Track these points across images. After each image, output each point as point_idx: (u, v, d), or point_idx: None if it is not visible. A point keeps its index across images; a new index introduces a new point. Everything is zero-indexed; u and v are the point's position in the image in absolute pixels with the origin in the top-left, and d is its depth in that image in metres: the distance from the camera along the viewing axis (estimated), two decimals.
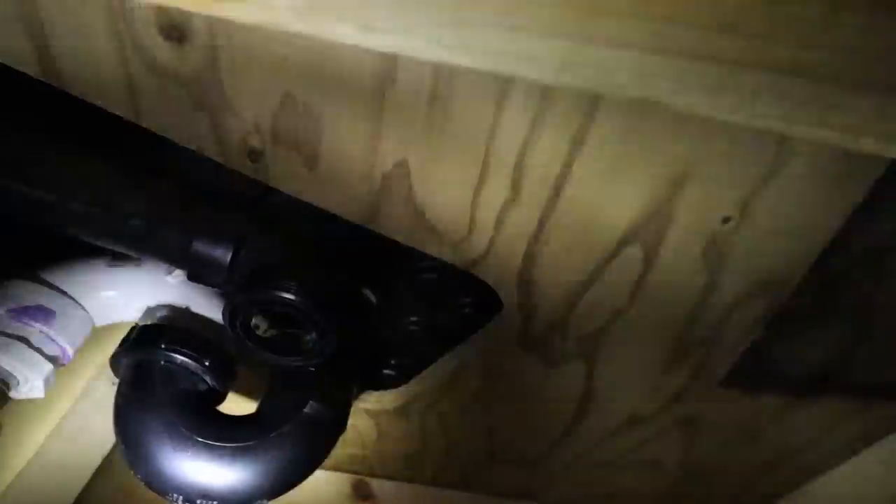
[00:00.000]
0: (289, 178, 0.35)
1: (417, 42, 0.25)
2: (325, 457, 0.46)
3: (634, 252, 0.36)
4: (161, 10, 0.27)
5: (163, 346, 0.42)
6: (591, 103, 0.27)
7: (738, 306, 0.39)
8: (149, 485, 0.41)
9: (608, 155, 0.30)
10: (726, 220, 0.33)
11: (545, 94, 0.27)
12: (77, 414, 0.49)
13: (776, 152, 0.29)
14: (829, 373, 0.46)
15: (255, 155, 0.33)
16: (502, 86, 0.27)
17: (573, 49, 0.24)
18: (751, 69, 0.24)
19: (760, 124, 0.26)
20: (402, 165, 0.32)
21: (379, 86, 0.28)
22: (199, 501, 0.41)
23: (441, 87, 0.28)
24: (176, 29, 0.28)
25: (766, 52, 0.24)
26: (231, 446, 0.41)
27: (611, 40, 0.24)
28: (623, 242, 0.35)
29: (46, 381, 0.42)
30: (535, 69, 0.25)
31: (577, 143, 0.30)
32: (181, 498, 0.41)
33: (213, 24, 0.27)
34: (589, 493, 0.66)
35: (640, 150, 0.30)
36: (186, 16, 0.27)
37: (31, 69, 0.31)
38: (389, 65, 0.27)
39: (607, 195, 0.32)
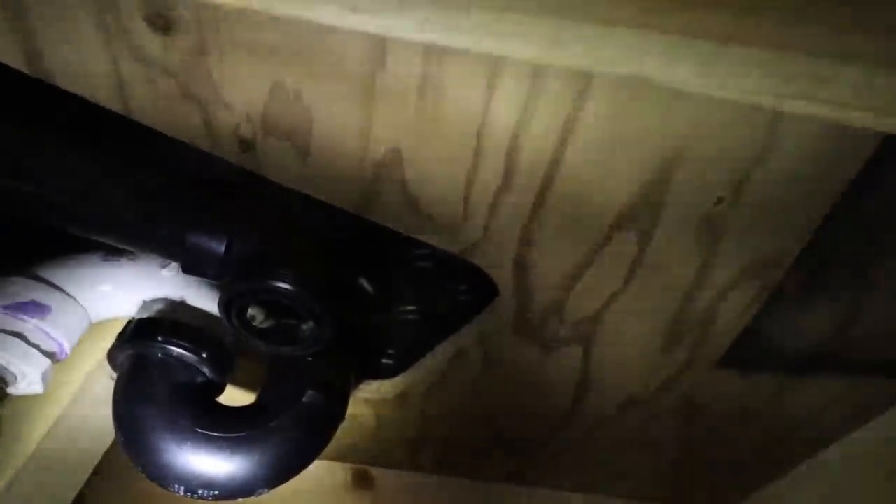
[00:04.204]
0: (281, 167, 0.34)
1: (405, 22, 0.25)
2: (325, 446, 0.46)
3: (629, 235, 0.36)
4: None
5: (159, 339, 0.42)
6: (582, 83, 0.27)
7: (733, 287, 0.39)
8: (150, 476, 0.42)
9: (600, 137, 0.30)
10: (719, 200, 0.33)
11: (536, 75, 0.27)
12: (76, 409, 0.49)
13: (768, 131, 0.29)
14: (824, 351, 0.46)
15: (246, 145, 0.33)
16: (493, 67, 0.27)
17: (562, 26, 0.24)
18: (740, 43, 0.24)
19: (751, 99, 0.26)
20: (394, 152, 0.32)
21: (368, 71, 0.28)
22: (200, 491, 0.41)
23: (431, 70, 0.28)
24: (162, 18, 0.27)
25: (755, 25, 0.24)
26: (231, 436, 0.41)
27: (600, 16, 0.24)
28: (617, 225, 0.35)
29: (44, 377, 0.42)
30: (525, 47, 0.25)
31: (570, 125, 0.29)
32: (182, 488, 0.41)
33: (200, 12, 0.27)
34: (588, 476, 0.67)
35: (633, 131, 0.30)
36: (172, 4, 0.27)
37: (17, 62, 0.31)
38: (378, 48, 0.27)
39: (600, 178, 0.32)
